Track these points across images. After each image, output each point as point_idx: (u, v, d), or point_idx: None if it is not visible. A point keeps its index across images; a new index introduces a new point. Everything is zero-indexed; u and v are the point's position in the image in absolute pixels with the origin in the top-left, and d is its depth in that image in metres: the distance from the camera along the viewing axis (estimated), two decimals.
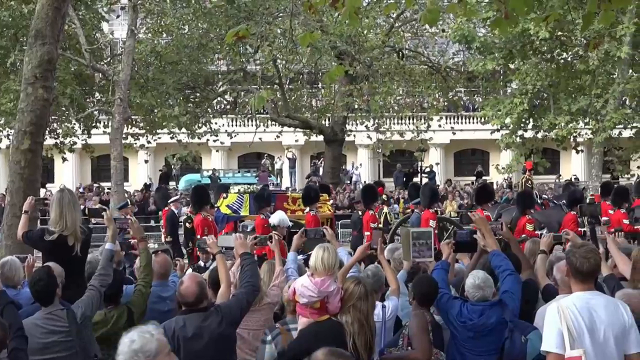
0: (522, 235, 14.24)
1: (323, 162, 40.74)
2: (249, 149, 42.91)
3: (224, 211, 18.72)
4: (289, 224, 14.66)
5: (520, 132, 33.96)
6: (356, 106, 34.82)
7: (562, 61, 33.63)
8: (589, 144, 36.46)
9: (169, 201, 20.44)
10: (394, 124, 37.67)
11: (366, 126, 35.71)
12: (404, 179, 41.94)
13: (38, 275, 6.69)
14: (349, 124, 37.03)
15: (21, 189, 14.45)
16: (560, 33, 31.18)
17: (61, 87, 29.26)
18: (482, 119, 38.10)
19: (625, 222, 16.79)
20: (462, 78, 37.66)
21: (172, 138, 34.93)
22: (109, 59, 33.80)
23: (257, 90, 29.45)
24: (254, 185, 22.83)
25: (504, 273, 6.92)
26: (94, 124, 34.11)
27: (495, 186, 39.12)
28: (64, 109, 32.04)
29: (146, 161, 45.01)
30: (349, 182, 42.12)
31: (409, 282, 7.82)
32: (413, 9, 30.96)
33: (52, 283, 6.56)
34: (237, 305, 6.62)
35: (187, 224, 18.17)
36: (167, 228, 19.30)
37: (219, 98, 38.04)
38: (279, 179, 45.05)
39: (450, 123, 44.29)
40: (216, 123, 37.20)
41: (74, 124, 32.88)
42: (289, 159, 47.73)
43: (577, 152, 36.60)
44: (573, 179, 40.73)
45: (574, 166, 47.75)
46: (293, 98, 37.41)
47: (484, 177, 44.65)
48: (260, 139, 37.14)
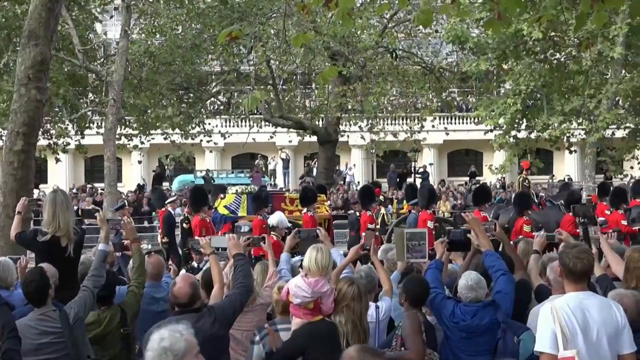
0: (520, 237, 14.17)
1: (317, 162, 40.72)
2: (242, 150, 42.87)
3: (221, 212, 18.69)
4: (288, 225, 14.64)
5: (513, 133, 33.97)
6: (350, 107, 34.80)
7: (555, 62, 33.66)
8: (582, 144, 36.51)
9: (165, 202, 20.44)
10: (387, 124, 37.63)
11: (360, 127, 35.70)
12: (398, 179, 42.01)
13: (30, 276, 6.68)
14: (342, 125, 37.02)
15: (14, 190, 14.39)
16: (553, 33, 31.21)
17: (54, 88, 29.16)
18: (476, 120, 38.15)
19: (624, 223, 16.78)
20: (456, 78, 37.67)
21: (165, 139, 34.87)
22: (103, 59, 33.69)
23: (250, 90, 29.42)
24: (252, 186, 22.80)
25: (497, 273, 6.92)
26: (87, 125, 34.00)
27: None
28: (57, 109, 31.95)
29: (140, 162, 45.03)
30: (342, 182, 42.13)
31: None
32: (406, 9, 30.95)
33: (45, 284, 6.55)
34: (230, 306, 6.61)
35: (184, 225, 18.17)
36: (164, 229, 19.29)
37: (212, 99, 37.97)
38: (272, 179, 45.06)
39: (443, 123, 44.33)
40: (210, 124, 37.15)
41: (67, 124, 32.76)
42: (282, 159, 47.74)
43: (571, 152, 36.60)
44: (566, 179, 40.84)
45: (567, 166, 47.84)
46: (286, 98, 37.37)
47: (477, 178, 44.73)
48: (253, 139, 37.12)
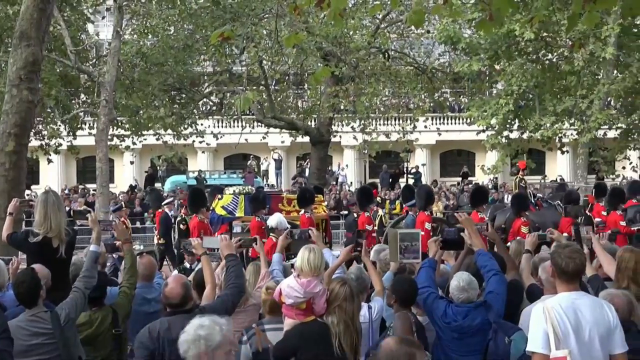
0: (517, 238, 14.15)
1: (309, 163, 40.67)
2: (234, 150, 42.78)
3: (219, 212, 18.68)
4: (287, 226, 14.63)
5: (505, 133, 34.01)
6: (342, 107, 34.75)
7: (547, 62, 33.71)
8: (574, 144, 36.57)
9: (162, 203, 20.43)
10: (379, 124, 37.58)
11: (352, 127, 35.66)
12: (390, 179, 42.03)
13: (22, 277, 6.66)
14: (335, 125, 36.98)
15: (6, 191, 14.39)
16: (545, 34, 31.26)
17: (46, 89, 29.07)
18: (468, 120, 38.15)
19: (622, 223, 16.78)
20: (448, 79, 37.65)
21: (157, 139, 34.79)
22: (95, 60, 33.61)
23: (242, 91, 29.37)
24: (249, 187, 22.80)
25: (489, 273, 6.91)
26: (79, 126, 33.92)
27: None
28: (49, 110, 31.85)
29: (132, 162, 44.91)
30: (335, 183, 42.12)
31: None
32: (399, 10, 30.95)
33: (36, 285, 6.53)
34: (222, 307, 6.60)
35: (181, 226, 18.17)
36: (161, 230, 19.29)
37: (204, 99, 37.90)
38: (264, 180, 45.02)
39: (436, 124, 44.30)
40: (202, 124, 37.09)
41: (59, 125, 32.66)
42: (275, 160, 47.70)
43: (563, 152, 36.65)
44: (559, 180, 40.90)
45: (559, 167, 47.90)
46: (279, 99, 37.32)
47: (469, 178, 44.78)
48: (246, 140, 37.05)
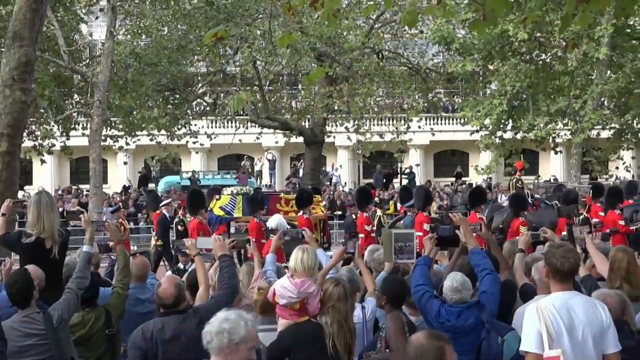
0: (517, 238, 14.13)
1: (303, 163, 40.64)
2: (228, 151, 42.75)
3: (217, 213, 18.71)
4: (287, 227, 14.62)
5: (499, 133, 34.06)
6: (336, 107, 34.72)
7: (540, 62, 33.77)
8: (567, 144, 36.63)
9: (160, 204, 20.42)
10: (373, 125, 37.58)
11: (346, 127, 35.65)
12: (384, 180, 42.04)
13: (14, 277, 6.65)
14: (328, 126, 36.95)
15: None
16: (539, 34, 31.32)
17: (39, 89, 29.01)
18: (462, 120, 38.14)
19: (621, 223, 16.82)
20: (442, 79, 37.65)
21: (151, 140, 34.75)
22: (88, 60, 33.56)
23: (236, 91, 29.32)
24: (247, 187, 22.80)
25: (483, 272, 6.89)
26: (72, 126, 33.88)
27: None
28: (42, 110, 31.80)
29: (125, 163, 44.83)
30: (328, 183, 42.13)
31: None
32: (392, 10, 30.95)
33: (29, 285, 6.52)
34: (215, 307, 6.56)
35: (179, 227, 18.16)
36: (158, 231, 19.27)
37: (198, 100, 37.82)
38: (258, 180, 45.00)
39: (429, 124, 44.27)
40: (196, 125, 37.03)
41: (53, 125, 32.59)
42: (268, 160, 47.69)
43: (556, 152, 36.72)
44: (552, 180, 40.94)
45: (553, 167, 47.94)
46: (273, 99, 37.28)
47: (463, 178, 44.82)
48: (240, 140, 37.03)
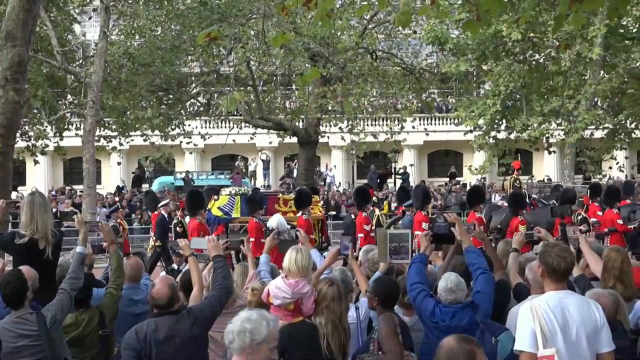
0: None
1: (297, 163, 40.64)
2: (222, 151, 42.70)
3: (215, 213, 18.72)
4: (287, 227, 14.62)
5: (493, 133, 34.08)
6: (330, 108, 34.73)
7: (534, 62, 33.83)
8: (561, 144, 36.67)
9: (158, 205, 20.41)
10: (367, 125, 37.56)
11: (340, 128, 35.64)
12: (378, 180, 42.04)
13: (8, 278, 6.62)
14: (322, 126, 36.94)
15: None
16: (532, 35, 31.35)
17: (33, 89, 28.97)
18: (456, 120, 38.15)
19: (619, 222, 16.89)
20: (436, 79, 37.67)
21: (145, 140, 34.70)
22: (81, 60, 33.51)
23: (230, 92, 29.30)
24: (245, 187, 22.77)
25: (477, 271, 6.89)
26: (66, 127, 33.82)
27: (468, 187, 39.27)
28: (35, 111, 31.76)
29: (119, 163, 44.81)
30: (322, 183, 42.11)
31: None
32: (386, 10, 30.96)
33: (22, 286, 6.50)
34: (209, 308, 6.58)
35: (178, 229, 18.14)
36: (157, 232, 19.26)
37: (192, 100, 37.79)
38: (252, 180, 44.96)
39: (423, 124, 44.32)
40: (189, 125, 37.05)
41: (46, 126, 32.54)
42: (262, 160, 47.66)
43: (550, 152, 36.79)
44: (546, 180, 41.01)
45: (547, 167, 48.00)
46: (266, 100, 37.26)
47: (457, 178, 44.83)
48: (233, 140, 37.03)
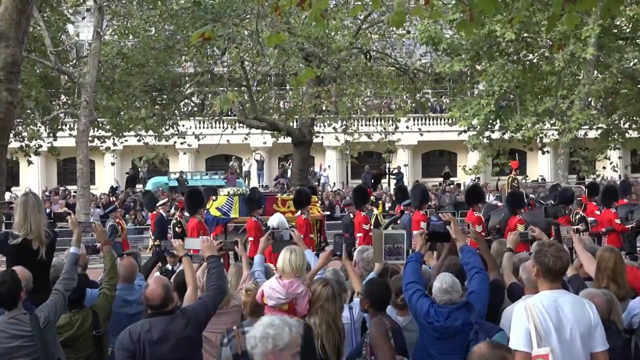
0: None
1: (291, 164, 40.63)
2: (216, 151, 42.69)
3: (213, 214, 18.72)
4: (288, 226, 14.60)
5: (487, 133, 34.11)
6: (324, 108, 34.74)
7: (528, 62, 33.86)
8: (555, 144, 36.73)
9: (157, 205, 20.40)
10: (361, 125, 37.61)
11: (334, 128, 35.66)
12: (372, 180, 42.05)
13: (1, 278, 6.60)
14: (316, 126, 36.96)
15: None
16: (526, 35, 31.38)
17: (26, 90, 28.93)
18: (450, 121, 38.18)
19: (617, 221, 16.94)
20: (430, 79, 37.70)
21: (138, 140, 34.68)
22: (75, 61, 33.46)
23: (224, 92, 29.27)
24: (243, 188, 22.76)
25: (472, 271, 6.87)
26: (59, 127, 33.77)
27: (462, 187, 39.31)
28: (29, 111, 31.71)
29: (113, 164, 44.75)
30: (317, 183, 42.09)
31: None
32: (380, 10, 30.98)
33: (16, 287, 6.48)
34: (203, 308, 6.58)
35: (177, 229, 18.14)
36: (156, 232, 19.26)
37: (186, 100, 37.76)
38: (246, 181, 44.93)
39: (417, 124, 44.34)
40: (183, 125, 37.03)
41: (40, 126, 32.49)
42: (256, 161, 47.63)
43: (543, 152, 36.84)
44: (539, 180, 41.03)
45: (540, 167, 48.06)
46: (261, 100, 37.24)
47: (451, 178, 44.88)
48: (227, 141, 37.00)
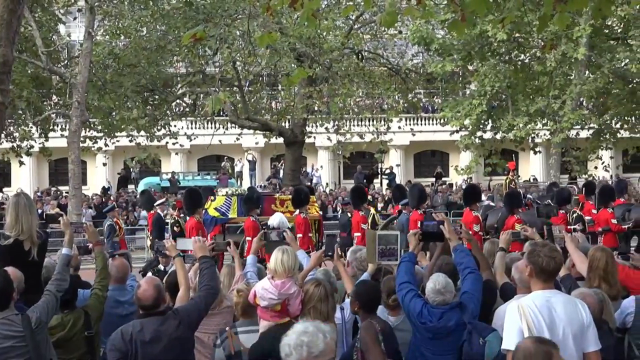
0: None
1: (283, 164, 40.64)
2: (208, 152, 42.66)
3: (212, 214, 18.72)
4: (288, 226, 14.58)
5: (479, 133, 34.16)
6: (316, 108, 34.76)
7: (519, 63, 33.92)
8: (547, 144, 36.81)
9: (154, 204, 20.39)
10: (353, 125, 37.65)
11: (326, 128, 35.67)
12: (365, 180, 42.05)
13: None
14: (308, 126, 36.96)
15: None
16: (517, 35, 31.43)
17: (17, 90, 28.86)
18: (442, 121, 38.21)
19: (614, 221, 17.03)
20: (422, 80, 37.75)
21: (130, 141, 34.61)
22: (66, 61, 33.35)
23: (215, 92, 29.24)
24: (242, 188, 22.75)
25: (465, 271, 6.88)
26: (51, 127, 33.69)
27: (454, 187, 39.38)
28: (20, 112, 31.63)
29: (104, 164, 44.66)
30: (309, 184, 42.07)
31: None
32: (372, 11, 30.99)
33: (7, 287, 6.46)
34: (195, 309, 6.57)
35: (175, 229, 18.12)
36: (154, 232, 19.24)
37: (177, 100, 37.72)
38: (239, 181, 44.90)
39: (409, 124, 44.32)
40: (175, 125, 36.97)
41: (31, 127, 32.41)
42: (249, 161, 47.57)
43: (535, 152, 36.90)
44: (532, 180, 41.14)
45: (532, 167, 48.14)
46: (253, 100, 37.22)
47: (443, 179, 44.92)
48: (219, 141, 36.97)
